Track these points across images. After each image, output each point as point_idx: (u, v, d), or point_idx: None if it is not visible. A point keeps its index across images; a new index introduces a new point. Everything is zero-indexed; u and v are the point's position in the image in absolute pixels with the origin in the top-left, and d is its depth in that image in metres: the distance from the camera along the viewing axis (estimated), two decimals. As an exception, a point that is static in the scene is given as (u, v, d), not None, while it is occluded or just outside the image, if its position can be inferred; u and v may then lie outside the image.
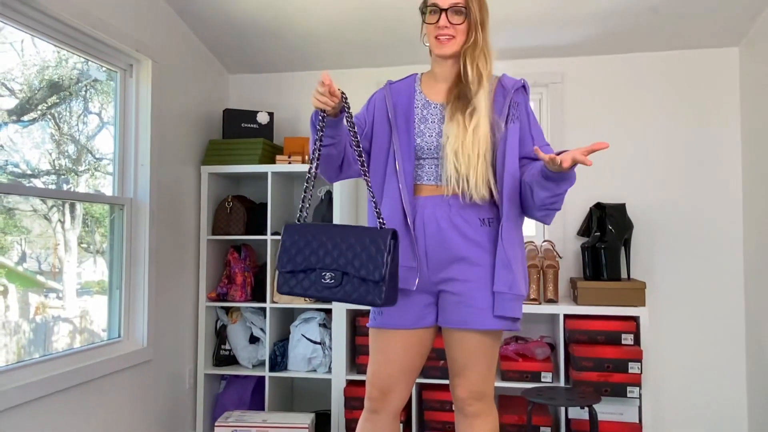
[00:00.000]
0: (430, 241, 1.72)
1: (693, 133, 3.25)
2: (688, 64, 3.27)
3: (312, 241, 1.58)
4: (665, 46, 3.24)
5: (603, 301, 2.91)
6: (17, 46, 2.23)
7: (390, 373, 1.76)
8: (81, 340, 2.57)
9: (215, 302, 3.29)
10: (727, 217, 3.20)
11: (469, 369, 1.74)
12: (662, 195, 3.26)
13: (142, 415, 2.80)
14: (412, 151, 1.76)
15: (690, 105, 3.26)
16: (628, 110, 3.32)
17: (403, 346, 1.76)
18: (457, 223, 1.71)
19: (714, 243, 3.21)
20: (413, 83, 1.85)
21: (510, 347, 3.02)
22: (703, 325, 3.19)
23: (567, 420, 2.91)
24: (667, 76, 3.29)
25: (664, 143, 3.28)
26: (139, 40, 2.77)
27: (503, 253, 1.68)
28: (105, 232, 2.74)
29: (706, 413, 3.17)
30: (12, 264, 2.21)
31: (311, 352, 3.17)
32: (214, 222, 3.35)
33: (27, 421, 2.12)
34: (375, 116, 1.82)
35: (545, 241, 3.23)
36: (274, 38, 3.29)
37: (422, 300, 1.75)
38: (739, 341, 3.16)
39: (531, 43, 3.25)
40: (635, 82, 3.31)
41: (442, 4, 1.69)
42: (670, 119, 3.28)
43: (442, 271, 1.72)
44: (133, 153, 2.85)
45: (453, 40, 1.71)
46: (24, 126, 2.29)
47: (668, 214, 3.25)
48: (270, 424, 2.87)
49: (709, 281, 3.20)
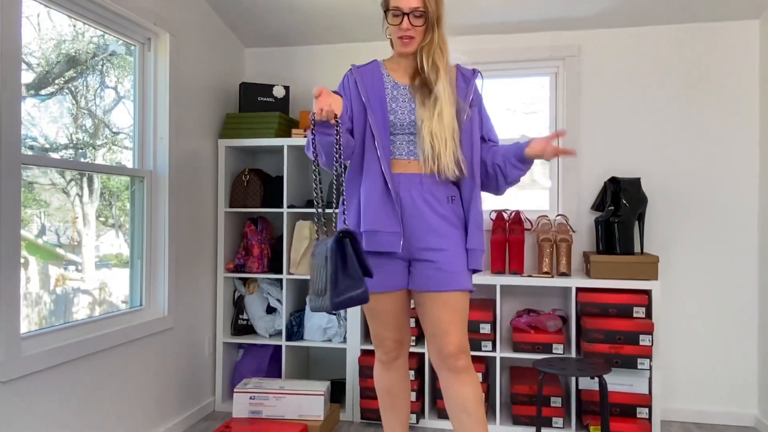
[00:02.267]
0: (406, 214, 1.89)
1: (710, 108, 3.18)
2: (707, 37, 3.18)
3: None
4: (683, 18, 3.14)
5: (615, 275, 2.89)
6: (33, 21, 2.21)
7: (388, 335, 2.02)
8: (100, 311, 2.60)
9: (233, 273, 3.30)
10: (743, 192, 3.14)
11: (454, 326, 1.88)
12: (678, 169, 3.20)
13: (163, 381, 2.84)
14: (387, 127, 1.91)
15: (708, 79, 3.18)
16: (644, 84, 3.24)
17: (391, 305, 1.97)
18: (428, 199, 1.89)
19: (728, 219, 3.16)
20: (378, 68, 2.00)
21: (522, 319, 3.01)
22: (716, 300, 3.16)
23: (577, 390, 2.92)
24: (685, 49, 3.20)
25: (680, 117, 3.20)
26: (157, 14, 2.74)
27: (476, 217, 1.92)
28: (123, 206, 2.75)
29: (715, 386, 3.16)
30: (32, 237, 2.23)
31: (327, 323, 3.18)
32: (232, 195, 3.35)
33: (52, 385, 2.15)
34: (352, 98, 1.96)
35: (559, 215, 3.19)
36: (290, 12, 3.24)
37: (400, 266, 1.93)
38: (751, 316, 3.12)
39: (546, 16, 3.17)
40: (652, 56, 3.23)
41: (404, 8, 1.83)
42: (687, 93, 3.20)
43: (417, 241, 1.89)
44: (152, 126, 2.85)
45: (413, 40, 1.87)
46: (42, 100, 2.29)
47: (683, 188, 3.20)
48: (287, 391, 2.91)
49: (722, 256, 3.16)
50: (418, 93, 1.90)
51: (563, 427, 2.92)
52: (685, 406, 3.19)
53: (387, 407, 2.09)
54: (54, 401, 2.16)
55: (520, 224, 3.13)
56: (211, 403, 3.29)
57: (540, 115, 3.43)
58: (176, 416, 2.95)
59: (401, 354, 2.06)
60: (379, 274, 1.87)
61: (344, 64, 3.48)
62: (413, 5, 1.82)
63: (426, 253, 1.88)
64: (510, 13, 3.16)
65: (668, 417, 3.18)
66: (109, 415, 2.45)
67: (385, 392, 2.08)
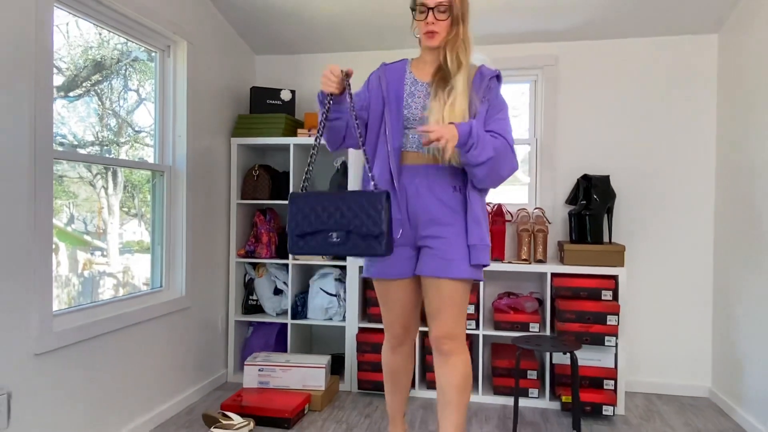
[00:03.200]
0: (411, 203, 1.81)
1: (673, 113, 3.18)
2: (670, 49, 3.17)
3: (316, 207, 1.63)
4: (650, 32, 3.14)
5: (586, 262, 2.89)
6: (63, 29, 2.19)
7: (399, 321, 1.95)
8: (124, 292, 2.59)
9: (244, 258, 3.30)
10: (700, 189, 3.15)
11: (443, 312, 1.82)
12: (643, 168, 3.21)
13: (180, 354, 2.84)
14: (401, 121, 1.83)
15: (671, 87, 3.18)
16: (614, 91, 3.24)
17: (401, 293, 1.90)
18: (432, 188, 1.80)
19: (688, 213, 3.17)
20: (404, 65, 1.93)
21: (503, 301, 3.01)
22: (675, 285, 3.18)
23: (551, 364, 2.93)
24: (651, 60, 3.19)
25: (646, 121, 3.20)
26: (176, 23, 2.72)
27: (473, 212, 1.79)
28: (144, 198, 2.73)
29: (674, 362, 3.18)
30: (62, 225, 2.21)
31: (328, 303, 3.18)
32: (243, 188, 3.33)
33: (80, 357, 2.15)
34: (372, 92, 1.90)
35: (536, 208, 3.19)
36: (297, 22, 3.22)
37: (405, 253, 1.85)
38: (706, 300, 3.14)
39: (528, 29, 3.16)
40: (621, 66, 3.22)
41: (429, 3, 1.76)
42: (653, 99, 3.20)
43: (422, 229, 1.82)
44: (171, 125, 2.84)
45: (438, 35, 1.79)
46: (70, 101, 2.27)
47: (648, 185, 3.20)
48: (292, 364, 2.91)
49: (681, 246, 3.17)
50: (434, 87, 1.80)
51: (538, 397, 2.94)
52: (646, 379, 3.21)
53: (389, 385, 2.05)
54: (81, 372, 2.16)
55: (502, 216, 3.13)
56: (224, 375, 3.29)
57: (521, 118, 3.42)
58: (192, 386, 2.96)
59: (406, 341, 2.00)
60: (386, 262, 1.84)
61: (345, 71, 3.47)
62: (438, 0, 1.75)
63: (427, 240, 1.81)
64: (495, 26, 3.14)
65: (632, 388, 3.20)
66: (131, 385, 2.46)
67: (388, 372, 2.04)
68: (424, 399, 3.02)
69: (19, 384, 1.88)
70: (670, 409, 2.93)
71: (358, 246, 1.60)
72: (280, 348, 3.33)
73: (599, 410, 2.75)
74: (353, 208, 1.60)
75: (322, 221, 1.61)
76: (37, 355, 1.94)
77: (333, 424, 2.66)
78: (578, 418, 2.39)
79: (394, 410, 2.06)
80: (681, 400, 3.07)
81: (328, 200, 1.63)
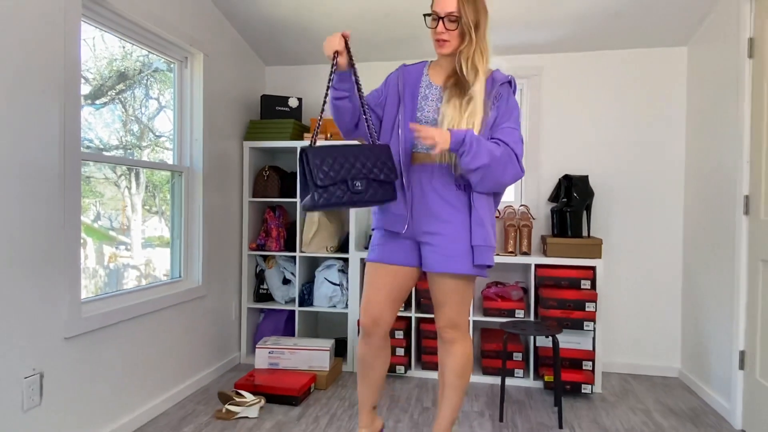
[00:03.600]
0: (416, 199, 1.74)
1: (646, 119, 3.18)
2: (644, 60, 3.18)
3: (337, 158, 1.55)
4: (625, 44, 3.14)
5: (567, 254, 2.90)
6: (90, 42, 2.19)
7: (378, 300, 1.79)
8: (146, 282, 2.60)
9: (255, 251, 3.31)
10: (671, 189, 3.16)
11: (446, 304, 1.77)
12: (619, 169, 3.21)
13: (198, 338, 2.85)
14: (415, 122, 1.75)
15: (644, 95, 3.18)
16: (593, 98, 3.24)
17: (390, 277, 1.79)
18: (436, 187, 1.72)
19: (659, 210, 3.18)
20: (423, 67, 1.84)
21: (491, 290, 3.03)
22: (648, 275, 3.19)
23: (535, 347, 2.94)
24: (627, 70, 3.20)
25: (622, 126, 3.21)
26: (193, 37, 2.72)
27: (476, 213, 1.70)
28: (164, 197, 2.74)
29: (647, 345, 3.20)
30: (89, 221, 2.22)
31: (332, 292, 3.19)
32: (254, 187, 3.34)
33: (106, 341, 2.17)
34: (389, 91, 1.82)
35: (522, 205, 3.20)
36: (304, 36, 3.22)
37: (407, 245, 1.79)
38: (676, 288, 3.15)
39: (514, 41, 3.16)
40: (600, 75, 3.23)
41: (439, 12, 1.68)
42: (628, 107, 3.20)
43: (423, 224, 1.74)
44: (189, 130, 2.84)
45: (448, 44, 1.69)
46: (97, 108, 2.27)
47: (624, 185, 3.21)
48: (299, 347, 2.92)
49: (654, 239, 3.18)
50: (448, 91, 1.70)
51: (523, 376, 2.96)
52: (621, 361, 3.22)
53: (359, 375, 1.91)
54: (107, 354, 2.18)
55: (490, 212, 3.14)
56: (237, 357, 3.31)
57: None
58: (208, 367, 2.98)
59: (373, 333, 1.82)
60: (386, 249, 1.78)
61: (347, 80, 3.47)
62: (448, 10, 1.65)
63: (427, 237, 1.74)
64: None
65: (608, 369, 3.22)
66: (153, 366, 2.47)
67: (359, 360, 1.89)
68: (419, 378, 3.03)
69: (51, 365, 1.90)
70: (642, 387, 2.95)
71: (377, 193, 1.58)
72: (289, 332, 3.35)
73: (578, 389, 2.77)
74: (369, 158, 1.57)
75: (346, 170, 1.54)
76: (66, 338, 1.96)
77: (336, 402, 2.68)
78: (559, 396, 2.41)
79: (361, 400, 1.92)
80: (653, 379, 3.09)
81: (346, 152, 1.56)
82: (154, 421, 2.41)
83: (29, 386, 1.81)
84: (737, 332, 2.41)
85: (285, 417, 2.48)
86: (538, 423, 2.45)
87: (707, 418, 2.54)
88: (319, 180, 1.51)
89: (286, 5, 2.92)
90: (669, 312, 3.16)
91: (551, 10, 2.84)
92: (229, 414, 2.46)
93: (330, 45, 1.60)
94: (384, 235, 1.80)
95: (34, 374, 1.82)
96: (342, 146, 1.57)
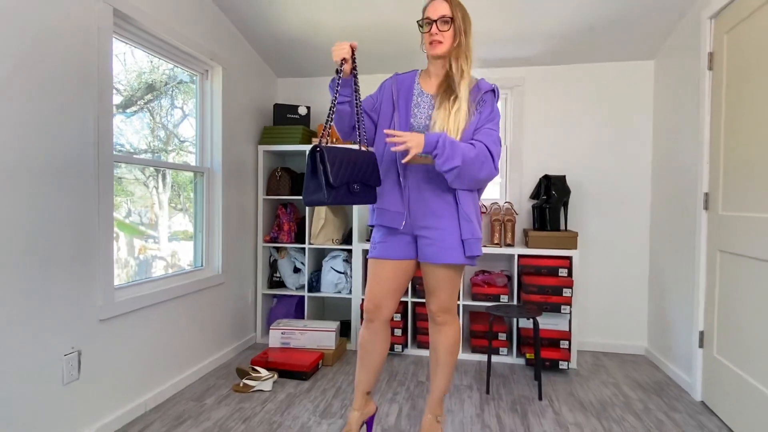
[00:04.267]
0: (412, 197, 1.72)
1: (617, 124, 3.17)
2: (616, 72, 3.17)
3: (343, 160, 1.52)
4: (599, 58, 3.13)
5: (546, 245, 2.90)
6: (121, 57, 2.18)
7: (381, 291, 1.77)
8: (172, 271, 2.60)
9: (269, 243, 3.31)
10: (639, 187, 3.15)
11: (438, 291, 1.75)
12: (593, 170, 3.21)
13: (218, 321, 2.86)
14: (408, 128, 1.72)
15: (616, 103, 3.17)
16: (570, 106, 3.23)
17: (391, 271, 1.76)
18: (432, 186, 1.70)
19: (629, 205, 3.17)
20: (414, 76, 1.80)
21: (479, 277, 3.03)
22: (618, 263, 3.19)
23: (518, 328, 2.95)
24: (600, 81, 3.19)
25: (595, 131, 3.20)
26: (213, 52, 2.71)
27: (462, 210, 1.68)
28: (187, 195, 2.73)
29: (617, 326, 3.20)
30: (121, 217, 2.22)
31: (337, 280, 3.20)
32: (268, 186, 3.34)
33: (137, 323, 2.17)
34: (383, 97, 1.78)
35: (506, 202, 3.20)
36: (312, 51, 3.21)
37: (405, 240, 1.76)
38: (643, 275, 3.16)
39: (500, 55, 3.15)
40: (576, 86, 3.22)
41: (432, 16, 1.65)
42: (601, 114, 3.19)
43: (420, 220, 1.72)
44: (210, 135, 2.83)
45: (442, 44, 1.66)
46: (127, 116, 2.26)
47: (597, 183, 3.20)
48: (309, 328, 2.93)
49: (623, 232, 3.18)
50: (439, 97, 1.67)
51: (507, 354, 2.96)
52: (594, 340, 3.23)
53: (360, 357, 1.84)
54: (137, 335, 2.19)
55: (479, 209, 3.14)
56: (253, 337, 3.31)
57: (493, 128, 3.43)
58: (227, 346, 2.98)
59: (375, 318, 1.78)
60: (386, 246, 1.75)
61: (350, 91, 3.45)
62: (440, 12, 1.63)
63: (423, 231, 1.71)
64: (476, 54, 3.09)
65: (582, 348, 3.22)
66: (178, 345, 2.48)
67: (360, 344, 1.83)
68: (414, 356, 3.04)
69: (88, 344, 1.91)
70: (613, 363, 2.96)
71: (366, 196, 1.58)
72: (299, 315, 3.36)
73: (556, 365, 2.77)
74: (365, 165, 1.57)
75: (349, 173, 1.52)
76: (101, 320, 1.96)
77: (341, 376, 2.68)
78: (539, 371, 2.41)
79: (357, 383, 1.85)
80: (622, 356, 3.09)
81: (349, 156, 1.53)
82: (180, 393, 2.42)
83: (69, 362, 1.81)
84: (697, 314, 2.41)
85: (296, 390, 2.49)
86: (521, 395, 2.46)
87: (670, 390, 2.55)
88: (333, 180, 1.48)
89: (295, 24, 2.91)
90: (637, 296, 3.17)
91: (533, 28, 2.83)
92: (246, 387, 2.46)
93: (339, 52, 1.58)
94: (384, 233, 1.78)
95: (73, 352, 1.83)
96: (345, 150, 1.55)
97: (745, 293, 2.03)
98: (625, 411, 2.29)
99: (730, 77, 2.20)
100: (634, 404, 2.37)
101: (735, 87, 2.16)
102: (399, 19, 2.78)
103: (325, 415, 2.21)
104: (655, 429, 2.12)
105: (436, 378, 1.83)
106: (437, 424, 1.83)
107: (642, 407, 2.34)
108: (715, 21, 2.33)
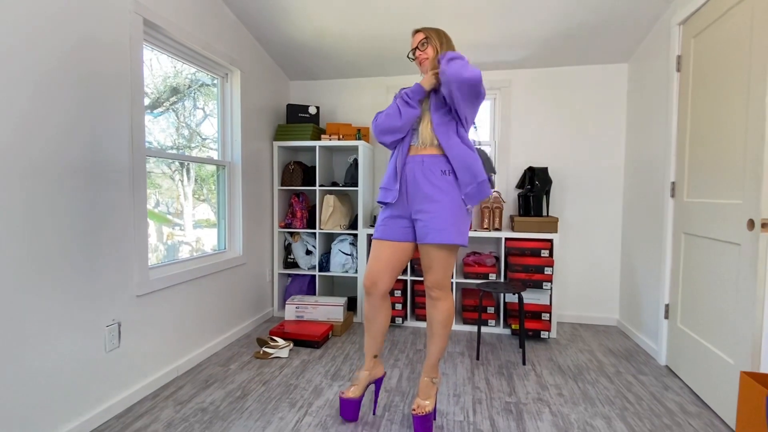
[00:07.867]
0: (410, 184, 1.74)
1: (594, 121, 3.16)
2: (593, 74, 3.14)
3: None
4: (578, 62, 3.10)
5: (530, 230, 2.91)
6: (148, 63, 2.18)
7: (378, 268, 1.79)
8: (197, 254, 2.60)
9: (284, 229, 3.32)
10: (614, 177, 3.15)
11: (433, 268, 1.75)
12: (572, 162, 3.20)
13: (239, 298, 2.89)
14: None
15: (593, 102, 3.15)
16: (552, 105, 3.21)
17: (389, 251, 1.79)
18: (426, 173, 1.72)
19: (604, 193, 3.17)
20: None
21: (470, 258, 3.05)
22: (593, 245, 3.20)
23: (504, 302, 2.97)
24: (579, 82, 3.16)
25: (574, 128, 3.19)
26: (232, 57, 2.70)
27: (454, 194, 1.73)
28: (210, 188, 2.73)
29: (592, 299, 3.22)
30: (151, 207, 2.23)
31: (344, 261, 3.21)
32: (282, 178, 3.34)
33: (169, 298, 2.20)
34: None
35: (495, 191, 3.20)
36: (322, 56, 3.19)
37: (404, 224, 1.78)
38: (616, 255, 3.16)
39: (489, 59, 3.13)
40: (557, 87, 3.20)
41: (414, 44, 1.79)
42: (580, 112, 3.18)
43: (417, 204, 1.73)
44: (230, 132, 2.83)
45: (427, 60, 1.77)
46: (155, 117, 2.26)
47: (576, 174, 3.20)
48: (319, 303, 2.96)
49: (599, 217, 3.18)
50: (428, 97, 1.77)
51: (495, 325, 2.98)
52: (572, 313, 3.25)
53: (365, 326, 1.87)
54: (169, 308, 2.22)
55: (469, 197, 3.14)
56: (271, 311, 3.34)
57: (484, 127, 3.41)
58: (248, 319, 3.01)
59: (372, 292, 1.79)
60: (387, 228, 1.78)
61: (357, 93, 3.46)
62: (418, 39, 1.77)
63: (419, 214, 1.72)
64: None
65: (561, 320, 3.25)
66: (205, 318, 2.51)
67: (365, 315, 1.85)
68: (413, 327, 3.07)
69: (126, 316, 1.94)
70: (588, 334, 2.98)
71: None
72: (311, 292, 3.38)
73: (538, 335, 2.80)
74: None
75: None
76: (138, 296, 1.99)
77: (349, 345, 2.71)
78: (523, 340, 2.44)
79: (366, 348, 1.89)
80: (596, 327, 3.12)
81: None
82: (208, 360, 2.46)
83: (110, 333, 1.85)
84: (663, 289, 2.43)
85: (309, 357, 2.52)
86: (507, 361, 2.49)
87: (639, 356, 2.58)
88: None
89: (306, 32, 2.89)
90: (610, 274, 3.18)
91: (518, 35, 2.80)
92: (265, 354, 2.50)
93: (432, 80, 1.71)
94: (386, 218, 1.80)
95: (113, 323, 1.86)
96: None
97: (706, 270, 2.05)
98: (599, 374, 2.33)
99: (695, 78, 2.19)
100: (606, 368, 2.40)
101: (700, 87, 2.15)
102: (399, 27, 2.77)
103: (335, 378, 2.25)
104: (625, 389, 2.15)
105: (431, 346, 1.85)
106: (432, 385, 1.86)
107: (614, 371, 2.37)
108: (684, 27, 2.31)
